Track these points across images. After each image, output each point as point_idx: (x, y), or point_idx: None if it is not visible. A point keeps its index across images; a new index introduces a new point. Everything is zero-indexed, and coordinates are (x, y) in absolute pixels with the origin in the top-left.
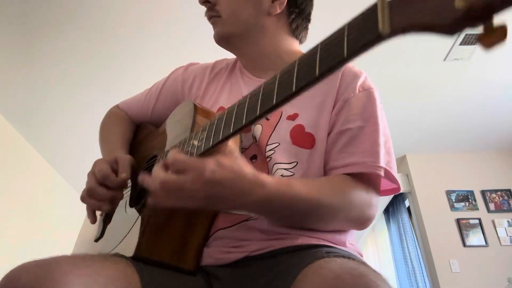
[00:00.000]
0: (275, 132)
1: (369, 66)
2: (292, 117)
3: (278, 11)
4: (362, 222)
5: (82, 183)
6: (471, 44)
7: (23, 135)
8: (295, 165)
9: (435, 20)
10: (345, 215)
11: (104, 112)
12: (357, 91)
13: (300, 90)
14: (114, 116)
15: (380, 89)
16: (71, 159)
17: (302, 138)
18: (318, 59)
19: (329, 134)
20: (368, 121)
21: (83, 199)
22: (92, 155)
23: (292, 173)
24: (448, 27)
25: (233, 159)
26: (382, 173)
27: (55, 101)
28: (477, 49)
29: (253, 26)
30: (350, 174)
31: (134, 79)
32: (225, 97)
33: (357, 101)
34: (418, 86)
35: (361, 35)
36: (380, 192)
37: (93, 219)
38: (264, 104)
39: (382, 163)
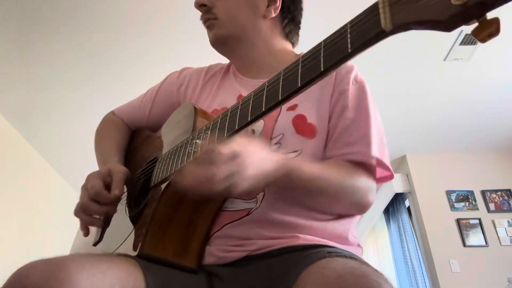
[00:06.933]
0: (277, 124)
1: (370, 66)
2: (292, 108)
3: (273, 15)
4: (363, 206)
5: (81, 182)
6: (471, 44)
7: (22, 134)
8: (299, 154)
9: (434, 16)
10: (350, 197)
11: (103, 111)
12: (351, 84)
13: (305, 85)
14: (109, 123)
15: (381, 89)
16: (70, 158)
17: (305, 127)
18: (322, 55)
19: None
20: (361, 113)
21: (76, 213)
22: (92, 154)
23: None
24: (446, 23)
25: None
26: (374, 162)
27: (54, 100)
28: (477, 49)
29: (250, 29)
30: (349, 162)
31: (133, 78)
32: (219, 99)
33: (351, 93)
34: (418, 86)
35: (364, 31)
36: (376, 180)
37: (86, 233)
38: (269, 100)
39: (375, 152)
